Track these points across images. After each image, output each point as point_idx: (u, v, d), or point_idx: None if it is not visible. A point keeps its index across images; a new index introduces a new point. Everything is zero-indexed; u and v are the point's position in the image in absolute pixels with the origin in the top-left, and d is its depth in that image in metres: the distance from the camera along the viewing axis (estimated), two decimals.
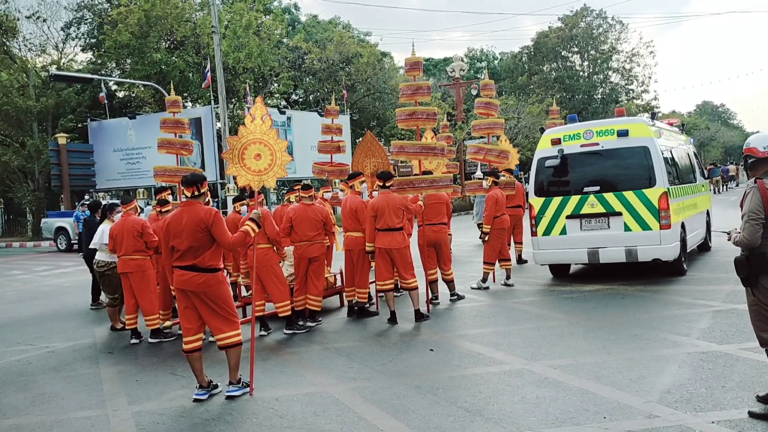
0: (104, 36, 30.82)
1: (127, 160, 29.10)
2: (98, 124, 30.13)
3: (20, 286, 14.03)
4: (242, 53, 30.09)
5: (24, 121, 29.46)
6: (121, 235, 7.74)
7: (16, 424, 5.10)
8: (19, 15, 31.34)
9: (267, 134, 5.85)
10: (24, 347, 7.89)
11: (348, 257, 8.44)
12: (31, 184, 30.19)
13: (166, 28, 30.63)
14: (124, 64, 32.41)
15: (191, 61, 30.70)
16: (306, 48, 36.96)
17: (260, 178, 5.81)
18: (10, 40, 31.10)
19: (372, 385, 5.46)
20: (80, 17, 34.35)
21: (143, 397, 5.58)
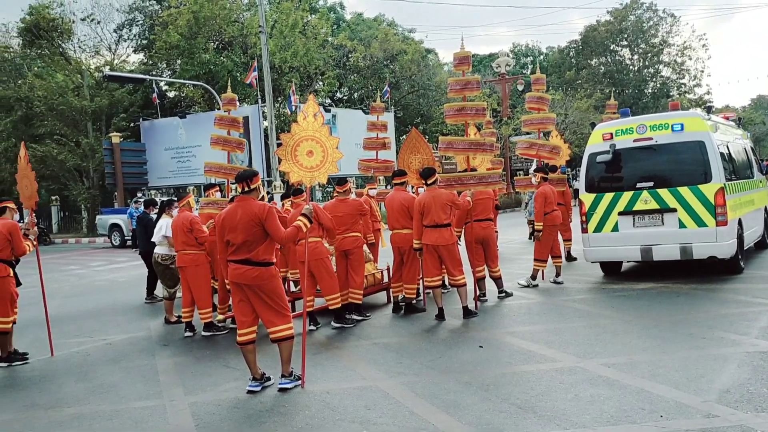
0: (155, 37, 31.59)
1: (178, 159, 29.78)
2: (150, 123, 30.93)
3: (77, 280, 14.49)
4: (288, 52, 30.44)
5: (79, 121, 30.43)
6: (176, 230, 7.94)
7: (77, 413, 5.28)
8: (74, 18, 32.42)
9: (319, 131, 5.91)
10: (83, 339, 8.15)
11: (397, 254, 8.46)
12: (85, 182, 31.17)
13: (215, 29, 31.20)
14: (174, 64, 33.18)
15: (239, 61, 31.18)
16: (351, 46, 37.18)
17: (312, 174, 5.87)
18: (65, 42, 32.21)
19: (422, 381, 5.46)
20: (132, 19, 35.31)
21: (198, 388, 5.71)
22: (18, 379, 6.52)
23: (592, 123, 12.69)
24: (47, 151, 28.50)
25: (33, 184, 7.31)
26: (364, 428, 4.48)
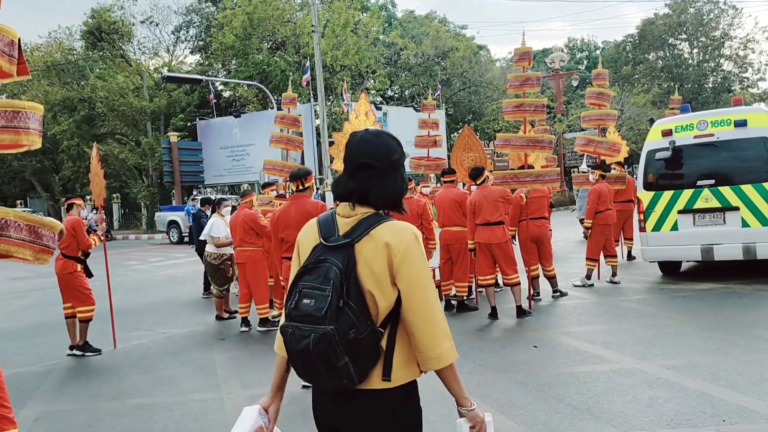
0: (211, 38, 32.29)
1: (233, 157, 30.36)
2: (206, 122, 31.64)
3: (136, 275, 14.95)
4: (340, 51, 30.67)
5: (139, 121, 31.37)
6: (236, 227, 8.12)
7: (139, 404, 5.46)
8: (133, 20, 33.42)
9: None
10: (143, 333, 8.41)
11: (445, 252, 8.45)
12: (145, 180, 32.12)
13: (268, 30, 31.68)
14: (229, 64, 33.85)
15: (291, 60, 31.60)
16: (402, 44, 37.20)
17: None
18: (125, 44, 33.23)
19: (475, 380, 5.45)
20: (189, 21, 36.18)
21: (255, 382, 5.83)
22: (85, 369, 6.79)
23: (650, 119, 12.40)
24: (109, 150, 29.47)
25: (102, 182, 7.61)
26: None
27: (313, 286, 2.00)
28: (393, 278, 2.03)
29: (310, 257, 2.09)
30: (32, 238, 3.31)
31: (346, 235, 2.06)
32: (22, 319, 9.84)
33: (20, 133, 3.34)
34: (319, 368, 1.98)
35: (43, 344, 8.01)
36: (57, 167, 35.55)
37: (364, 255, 2.02)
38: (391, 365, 2.05)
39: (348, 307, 1.95)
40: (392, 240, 2.02)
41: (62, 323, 7.52)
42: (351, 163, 2.11)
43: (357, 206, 2.10)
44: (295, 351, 2.00)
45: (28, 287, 13.72)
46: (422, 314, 2.04)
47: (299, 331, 1.98)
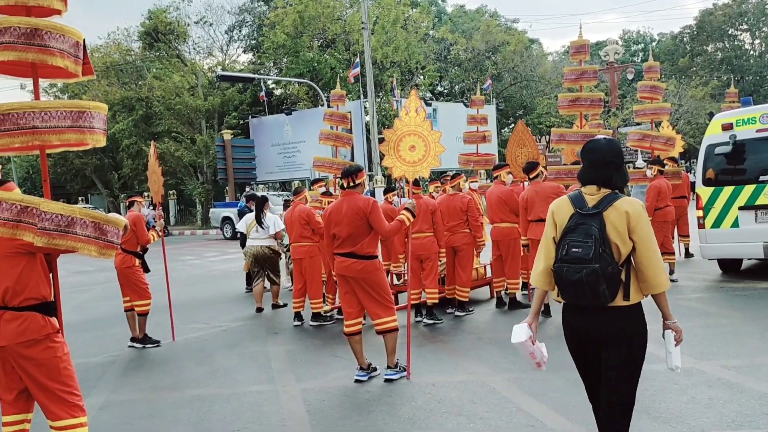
0: (263, 37, 32.79)
1: (284, 154, 30.78)
2: (258, 120, 32.16)
3: (192, 270, 15.33)
4: (390, 47, 30.71)
5: (194, 119, 32.11)
6: (291, 223, 8.25)
7: (198, 395, 5.61)
8: (188, 21, 34.22)
9: (421, 126, 5.95)
10: (200, 325, 8.63)
11: (495, 248, 8.40)
12: (200, 177, 32.88)
13: (319, 28, 31.97)
14: (281, 63, 34.31)
15: (341, 57, 31.82)
16: (452, 39, 36.99)
17: (414, 168, 5.93)
18: (181, 44, 34.04)
19: (528, 377, 5.40)
20: (242, 20, 36.83)
21: (308, 375, 5.92)
22: (145, 360, 7.02)
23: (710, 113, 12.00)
24: (165, 148, 30.27)
25: (160, 179, 7.84)
26: (470, 422, 4.50)
27: (578, 240, 3.00)
28: (630, 234, 3.02)
29: (570, 222, 3.09)
30: (97, 235, 3.44)
31: (596, 206, 3.06)
32: (86, 312, 10.22)
33: (85, 132, 3.47)
34: (586, 292, 2.98)
35: (106, 336, 8.30)
36: (116, 165, 36.71)
37: (611, 219, 3.01)
38: (629, 290, 3.05)
39: (604, 252, 2.95)
40: (630, 209, 3.03)
41: (123, 316, 7.78)
42: (599, 160, 3.12)
43: (601, 188, 3.10)
44: (569, 281, 3.01)
45: (90, 281, 14.23)
46: (649, 257, 3.04)
47: (572, 268, 2.99)
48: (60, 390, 3.61)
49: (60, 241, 3.34)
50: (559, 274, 3.06)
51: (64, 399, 3.62)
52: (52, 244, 3.34)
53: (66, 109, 3.39)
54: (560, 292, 3.14)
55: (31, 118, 3.28)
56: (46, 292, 3.62)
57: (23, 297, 3.52)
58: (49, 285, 3.64)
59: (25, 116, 3.28)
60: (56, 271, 3.68)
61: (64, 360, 3.65)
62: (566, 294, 3.10)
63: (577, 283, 2.96)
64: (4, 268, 3.47)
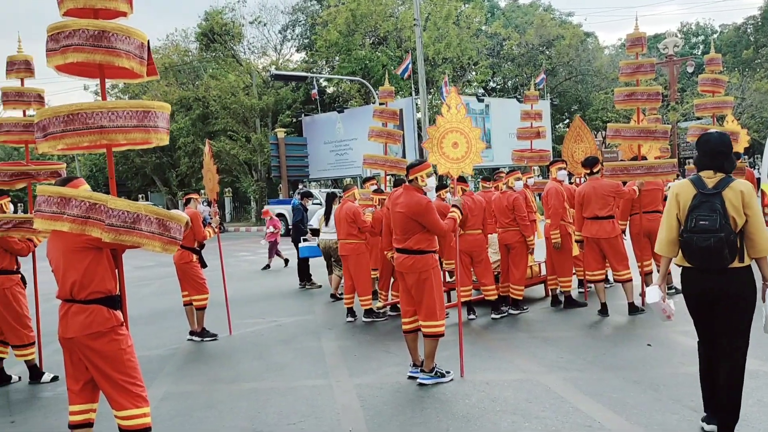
0: (316, 36, 33.09)
1: (336, 152, 31.01)
2: (311, 118, 32.49)
3: (247, 266, 15.61)
4: (442, 44, 30.56)
5: (249, 118, 32.66)
6: (340, 220, 8.32)
7: (254, 388, 5.72)
8: (243, 21, 34.81)
9: (462, 122, 5.92)
10: (256, 320, 8.78)
11: (548, 245, 8.29)
12: (254, 175, 33.44)
13: (371, 25, 32.05)
14: (333, 61, 34.55)
15: (393, 55, 31.83)
16: (505, 34, 36.51)
17: (458, 165, 5.89)
18: (236, 44, 34.66)
19: (585, 377, 5.31)
20: (295, 20, 37.25)
21: (362, 371, 5.97)
22: (203, 354, 7.19)
23: None
24: (221, 146, 30.89)
25: (215, 177, 8.00)
26: (526, 421, 4.46)
27: (705, 214, 3.71)
28: (744, 209, 3.72)
29: (694, 200, 3.79)
30: (161, 231, 3.55)
31: (715, 187, 3.78)
32: (147, 306, 10.53)
33: (150, 131, 3.59)
34: (713, 256, 3.68)
35: (166, 329, 8.54)
36: (174, 163, 37.65)
37: (728, 197, 3.73)
38: (743, 254, 3.74)
39: (726, 224, 3.67)
40: (744, 189, 3.76)
41: (181, 310, 7.99)
42: (712, 150, 3.85)
43: (717, 173, 3.82)
44: (699, 248, 3.71)
45: (150, 276, 14.65)
46: (758, 227, 3.74)
47: (701, 237, 3.68)
48: (124, 381, 3.74)
49: (126, 237, 3.46)
50: (688, 243, 3.76)
51: (128, 390, 3.74)
52: (119, 239, 3.46)
53: (132, 108, 3.51)
54: (689, 258, 3.82)
55: (99, 117, 3.41)
56: (112, 286, 3.75)
57: (89, 290, 3.66)
58: (114, 279, 3.77)
59: (94, 116, 3.41)
60: (121, 266, 3.81)
61: (128, 352, 3.78)
62: (694, 259, 3.79)
63: (706, 249, 3.67)
64: (72, 262, 3.61)
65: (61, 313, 3.75)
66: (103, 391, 3.78)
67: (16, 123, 6.03)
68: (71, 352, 3.78)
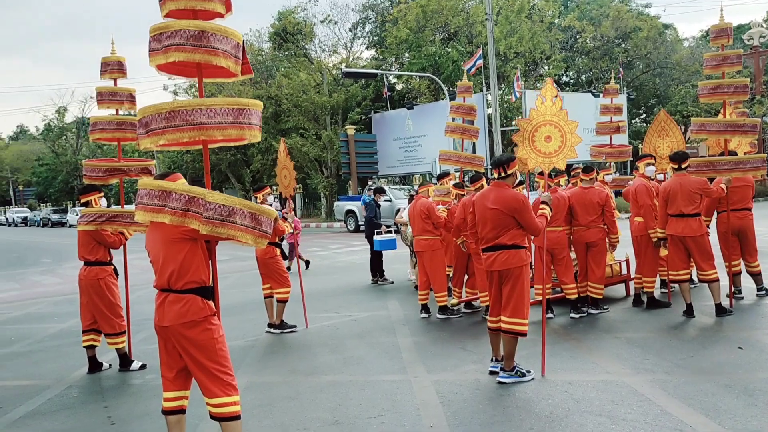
0: (386, 33, 33.24)
1: (405, 148, 31.08)
2: (380, 115, 32.68)
3: (319, 261, 15.84)
4: (514, 38, 30.14)
5: (319, 116, 33.17)
6: (414, 216, 8.34)
7: (333, 381, 5.80)
8: (315, 20, 35.35)
9: (557, 115, 5.79)
10: (330, 314, 8.91)
11: (635, 244, 8.04)
12: (324, 172, 33.93)
13: (441, 21, 31.96)
14: (402, 58, 34.63)
15: (463, 50, 31.62)
16: (579, 27, 35.69)
17: (550, 160, 5.77)
18: (308, 43, 35.24)
19: (673, 380, 5.14)
20: (365, 17, 37.52)
21: (439, 367, 5.96)
22: (282, 346, 7.35)
23: None
24: (293, 144, 31.49)
25: (291, 174, 8.15)
26: (612, 423, 4.35)
27: None
28: None
29: None
30: (254, 225, 3.65)
31: None
32: (226, 298, 10.79)
33: (244, 128, 3.70)
34: None
35: (245, 321, 8.77)
36: (248, 160, 38.63)
37: None
38: None
39: None
40: None
41: (257, 303, 8.19)
42: None
43: None
44: None
45: (227, 269, 15.07)
46: None
47: None
48: (216, 369, 3.86)
49: (221, 230, 3.57)
50: None
51: (220, 378, 3.86)
52: (215, 232, 3.58)
53: (228, 106, 3.62)
54: None
55: (198, 114, 3.54)
56: (206, 276, 3.88)
57: (185, 280, 3.80)
58: (208, 270, 3.90)
59: (193, 113, 3.54)
60: (215, 257, 3.93)
61: (220, 341, 3.90)
62: None
63: None
64: (171, 252, 3.76)
65: (157, 302, 3.91)
66: (196, 379, 3.91)
67: (110, 121, 6.32)
68: (166, 340, 3.92)
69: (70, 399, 5.82)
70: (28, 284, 14.99)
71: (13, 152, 72.06)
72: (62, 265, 19.04)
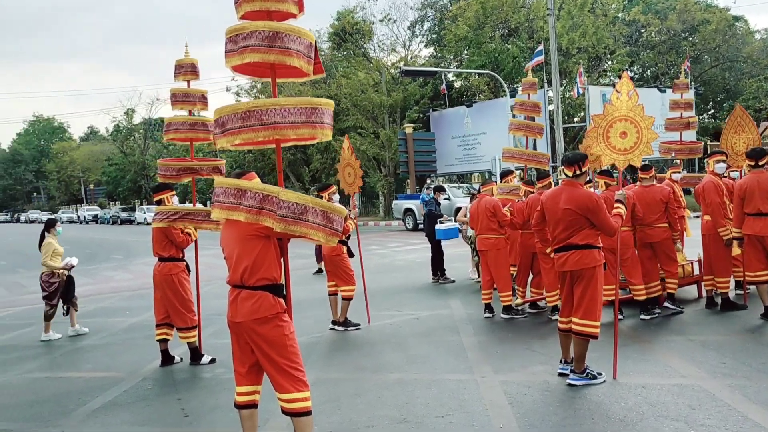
0: (445, 31, 33.09)
1: (464, 146, 30.87)
2: (439, 113, 32.56)
3: (379, 259, 15.90)
4: (576, 33, 29.52)
5: (378, 115, 33.30)
6: (477, 214, 8.26)
7: (399, 379, 5.80)
8: (373, 19, 35.53)
9: (633, 110, 5.62)
10: (392, 313, 8.93)
11: (704, 243, 7.76)
12: (382, 170, 34.06)
13: (501, 17, 31.59)
14: (461, 55, 34.41)
15: (524, 46, 31.18)
16: (644, 20, 34.66)
17: (626, 157, 5.61)
18: (366, 43, 35.43)
19: (754, 385, 4.92)
20: (424, 15, 37.47)
21: (506, 368, 5.89)
22: (346, 343, 7.42)
23: None
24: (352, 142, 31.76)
25: (357, 172, 8.20)
26: (690, 428, 4.20)
27: None
28: None
29: None
30: (325, 223, 3.69)
31: None
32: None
33: (316, 127, 3.74)
34: None
35: (308, 318, 8.88)
36: (307, 159, 39.17)
37: None
38: None
39: None
40: None
41: (320, 300, 8.27)
42: None
43: None
44: None
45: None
46: None
47: None
48: (287, 365, 3.91)
49: (294, 227, 3.62)
50: None
51: (291, 374, 3.91)
52: (288, 229, 3.64)
53: (301, 105, 3.67)
54: None
55: (272, 114, 3.60)
56: (277, 274, 3.93)
57: (258, 277, 3.86)
58: (279, 268, 3.96)
59: (268, 112, 3.60)
60: (287, 255, 3.99)
61: (291, 338, 3.96)
62: None
63: None
64: (245, 249, 3.84)
65: (230, 299, 3.99)
66: (268, 374, 3.97)
67: (183, 122, 6.51)
68: (239, 335, 4.00)
69: (145, 391, 6.02)
70: (100, 279, 15.61)
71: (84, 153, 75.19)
72: (132, 261, 19.76)
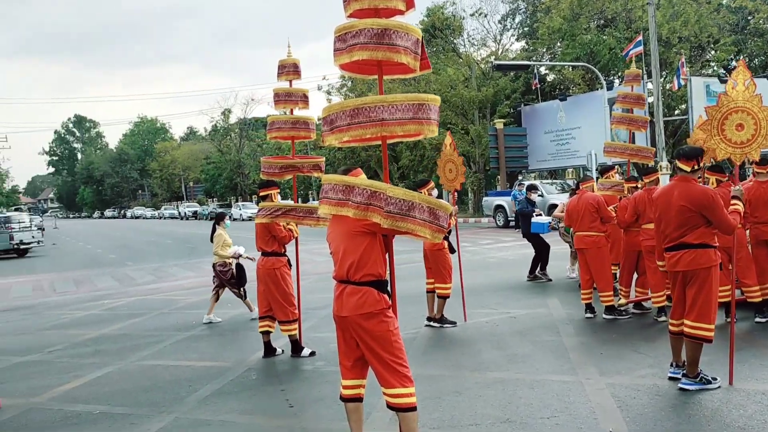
0: (537, 23, 32.37)
1: (557, 141, 30.12)
2: (531, 108, 31.91)
3: (471, 257, 15.74)
4: (677, 22, 28.15)
5: (467, 110, 33.02)
6: (578, 211, 8.01)
7: (499, 378, 5.72)
8: (463, 14, 35.27)
9: (750, 101, 5.27)
10: (488, 311, 8.82)
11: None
12: (472, 167, 33.75)
13: (597, 8, 30.58)
14: (554, 48, 33.55)
15: (621, 36, 30.03)
16: (752, 7, 32.57)
17: (742, 150, 5.27)
18: (456, 38, 35.19)
19: None
20: (515, 8, 36.81)
21: (612, 370, 5.68)
22: (442, 340, 7.39)
23: None
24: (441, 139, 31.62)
25: (459, 168, 8.15)
26: None
27: None
28: None
29: None
30: (431, 219, 3.67)
31: None
32: None
33: (423, 123, 3.73)
34: None
35: (404, 314, 8.83)
36: (396, 156, 39.34)
37: None
38: None
39: None
40: None
41: (415, 296, 8.27)
42: None
43: None
44: None
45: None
46: None
47: None
48: (392, 361, 3.93)
49: (401, 224, 3.63)
50: None
51: (396, 369, 3.93)
52: (395, 225, 3.65)
53: (409, 102, 3.67)
54: None
55: (380, 111, 3.62)
56: (382, 270, 3.96)
57: (363, 273, 3.90)
58: (384, 264, 3.98)
59: (376, 109, 3.63)
60: (392, 251, 4.01)
61: (395, 334, 3.97)
62: None
63: None
64: (351, 245, 3.88)
65: (336, 293, 4.05)
66: (373, 369, 4.00)
67: (285, 120, 6.68)
68: (344, 330, 4.05)
69: (250, 381, 6.23)
70: (202, 273, 16.28)
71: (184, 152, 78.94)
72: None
